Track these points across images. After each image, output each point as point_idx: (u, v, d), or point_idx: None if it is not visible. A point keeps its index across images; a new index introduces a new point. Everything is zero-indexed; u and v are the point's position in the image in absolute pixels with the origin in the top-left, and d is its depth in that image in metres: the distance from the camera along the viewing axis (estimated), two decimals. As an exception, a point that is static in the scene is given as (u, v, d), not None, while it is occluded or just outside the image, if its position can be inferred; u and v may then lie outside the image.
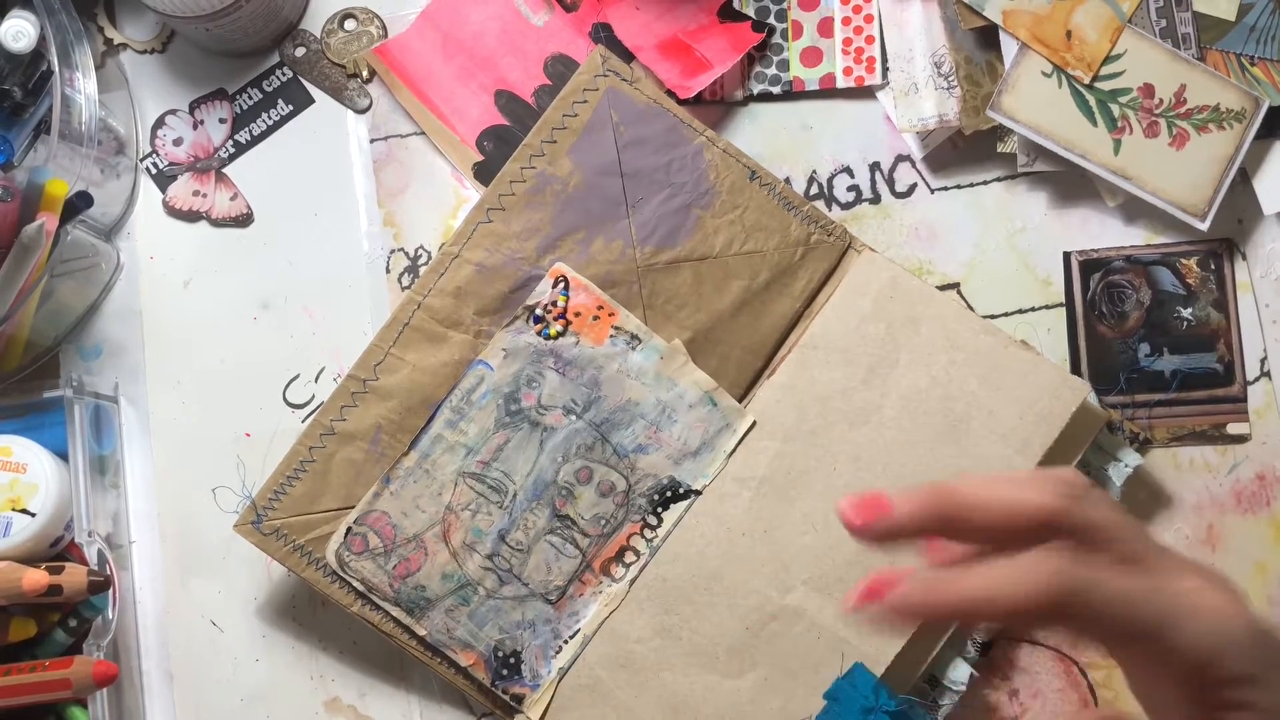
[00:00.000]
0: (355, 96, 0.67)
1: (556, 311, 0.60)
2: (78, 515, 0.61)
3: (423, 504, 0.60)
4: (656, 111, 0.62)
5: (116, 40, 0.68)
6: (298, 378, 0.66)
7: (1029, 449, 0.58)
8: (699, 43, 0.64)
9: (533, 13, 0.66)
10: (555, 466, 0.60)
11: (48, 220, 0.59)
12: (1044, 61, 0.62)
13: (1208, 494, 0.64)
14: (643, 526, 0.60)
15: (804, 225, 0.62)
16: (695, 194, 0.62)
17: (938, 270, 0.65)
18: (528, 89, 0.66)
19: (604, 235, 0.61)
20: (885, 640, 0.58)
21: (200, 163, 0.67)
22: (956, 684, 0.60)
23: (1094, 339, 0.64)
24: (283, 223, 0.67)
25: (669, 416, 0.60)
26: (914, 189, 0.66)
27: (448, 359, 0.61)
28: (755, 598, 0.59)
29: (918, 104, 0.64)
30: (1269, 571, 0.64)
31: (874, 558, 0.58)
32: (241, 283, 0.67)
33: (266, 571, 0.65)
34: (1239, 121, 0.62)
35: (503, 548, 0.60)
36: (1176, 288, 0.65)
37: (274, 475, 0.60)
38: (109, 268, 0.66)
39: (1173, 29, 0.62)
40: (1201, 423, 0.64)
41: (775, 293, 0.62)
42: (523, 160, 0.61)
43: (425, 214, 0.66)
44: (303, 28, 0.68)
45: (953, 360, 0.59)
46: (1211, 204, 0.62)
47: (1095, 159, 0.62)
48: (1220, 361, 0.64)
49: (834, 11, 0.65)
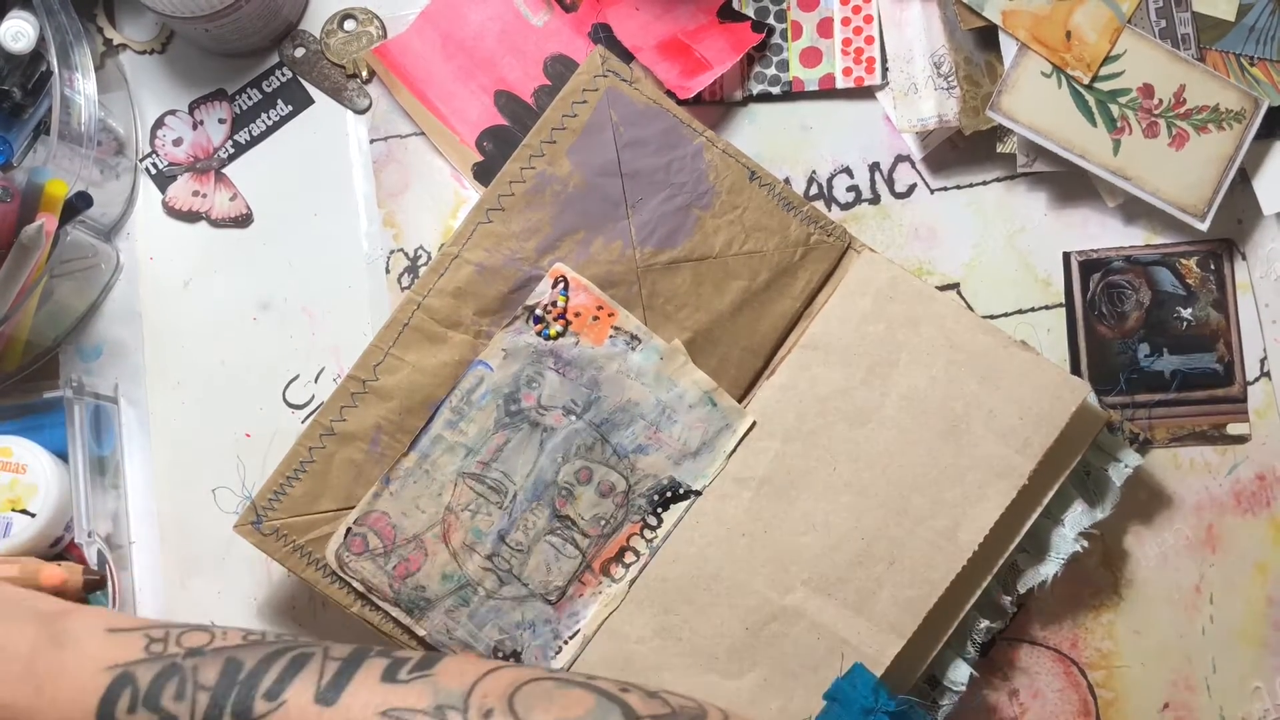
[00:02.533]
0: (355, 97, 0.67)
1: (556, 312, 0.60)
2: (78, 516, 0.61)
3: (422, 504, 0.60)
4: (656, 112, 0.62)
5: (116, 40, 0.68)
6: (298, 378, 0.66)
7: (1029, 449, 0.58)
8: (698, 43, 0.65)
9: (532, 13, 0.66)
10: (555, 467, 0.60)
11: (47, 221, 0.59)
12: (1043, 62, 0.62)
13: (1208, 494, 0.64)
14: (643, 527, 0.60)
15: (804, 225, 0.62)
16: (695, 194, 0.62)
17: (938, 270, 0.65)
18: (527, 89, 0.66)
19: (604, 235, 0.61)
20: (885, 640, 0.58)
21: (200, 163, 0.67)
22: (956, 684, 0.60)
23: (1094, 339, 0.64)
24: (282, 223, 0.67)
25: (669, 417, 0.60)
26: (914, 189, 0.66)
27: (448, 359, 0.61)
28: (755, 598, 0.59)
29: (917, 104, 0.64)
30: (1269, 571, 0.64)
31: (875, 559, 0.58)
32: (241, 283, 0.67)
33: (266, 572, 0.65)
34: (1238, 122, 0.62)
35: (502, 548, 0.60)
36: (1176, 288, 0.65)
37: (274, 476, 0.60)
38: (109, 268, 0.66)
39: (1172, 29, 0.62)
40: (1201, 423, 0.64)
41: (775, 293, 0.62)
42: (522, 160, 0.61)
43: (425, 214, 0.66)
44: (302, 28, 0.68)
45: (952, 360, 0.59)
46: (1211, 204, 0.62)
47: (1095, 159, 0.62)
48: (1220, 362, 0.64)
49: (833, 12, 0.65)
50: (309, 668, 0.44)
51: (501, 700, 0.42)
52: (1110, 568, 0.64)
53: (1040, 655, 0.64)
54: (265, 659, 0.45)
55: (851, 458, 0.59)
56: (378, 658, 0.45)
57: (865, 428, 0.59)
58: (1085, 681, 0.64)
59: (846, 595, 0.58)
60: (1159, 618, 0.64)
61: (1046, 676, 0.64)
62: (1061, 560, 0.61)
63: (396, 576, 0.59)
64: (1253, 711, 0.63)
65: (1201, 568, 0.64)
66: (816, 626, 0.58)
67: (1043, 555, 0.61)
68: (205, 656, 0.45)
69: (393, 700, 0.43)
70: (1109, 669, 0.64)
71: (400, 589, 0.59)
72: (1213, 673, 0.63)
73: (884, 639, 0.58)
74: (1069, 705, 0.64)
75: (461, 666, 0.44)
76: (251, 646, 0.46)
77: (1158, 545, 0.64)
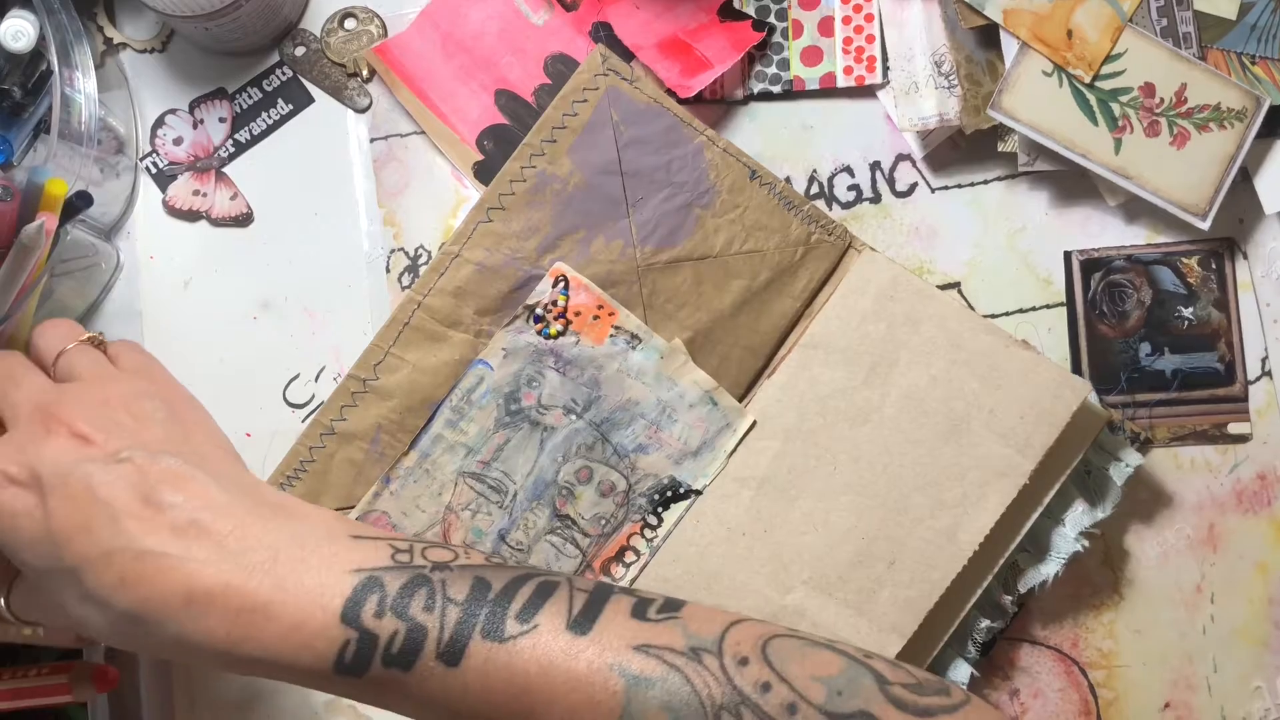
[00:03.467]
0: (355, 96, 0.67)
1: (556, 311, 0.60)
2: (78, 515, 0.61)
3: (423, 504, 0.60)
4: (656, 111, 0.62)
5: (116, 40, 0.68)
6: (298, 378, 0.66)
7: (1029, 449, 0.58)
8: (699, 42, 0.64)
9: (533, 12, 0.66)
10: (555, 466, 0.60)
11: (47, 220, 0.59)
12: (1045, 61, 0.62)
13: (1208, 494, 0.64)
14: (643, 526, 0.60)
15: (804, 225, 0.62)
16: (695, 193, 0.61)
17: (938, 270, 0.65)
18: (528, 88, 0.66)
19: (604, 235, 0.61)
20: (885, 640, 0.58)
21: (200, 162, 0.67)
22: (957, 684, 0.60)
23: (1095, 338, 0.64)
24: (283, 222, 0.67)
25: (669, 416, 0.60)
26: (914, 188, 0.65)
27: (448, 359, 0.61)
28: (755, 597, 0.59)
29: (918, 103, 0.64)
30: (1269, 571, 0.64)
31: (876, 559, 0.58)
32: (241, 283, 0.67)
33: (267, 571, 0.65)
34: (1240, 120, 0.62)
35: (503, 548, 0.60)
36: (1177, 287, 0.64)
37: (274, 475, 0.60)
38: (109, 268, 0.66)
39: (1173, 28, 0.62)
40: (1202, 422, 0.64)
41: (775, 292, 0.62)
42: (523, 160, 0.61)
43: (425, 214, 0.66)
44: (303, 27, 0.67)
45: (953, 360, 0.59)
46: (1212, 203, 0.62)
47: (1096, 158, 0.62)
48: (1221, 361, 0.64)
49: (834, 11, 0.65)
50: (557, 595, 0.43)
51: (755, 650, 0.42)
52: (1111, 567, 0.64)
53: (1041, 655, 0.64)
54: (513, 582, 0.44)
55: (852, 457, 0.59)
56: (623, 594, 0.44)
57: (866, 427, 0.59)
58: (1086, 681, 0.64)
59: (847, 595, 0.58)
60: (1160, 617, 0.64)
61: (1047, 676, 0.64)
62: (1062, 560, 0.61)
63: (397, 576, 0.59)
64: (1254, 711, 0.63)
65: (1202, 567, 0.64)
66: (817, 626, 0.58)
67: (1043, 555, 0.61)
68: (453, 571, 0.44)
69: (646, 636, 0.42)
70: (1110, 668, 0.64)
71: (400, 588, 0.59)
72: (1214, 672, 0.63)
73: (884, 639, 0.58)
74: (1070, 705, 0.64)
75: (708, 613, 0.44)
76: (497, 569, 0.45)
77: (1159, 545, 0.64)
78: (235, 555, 0.42)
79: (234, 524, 0.43)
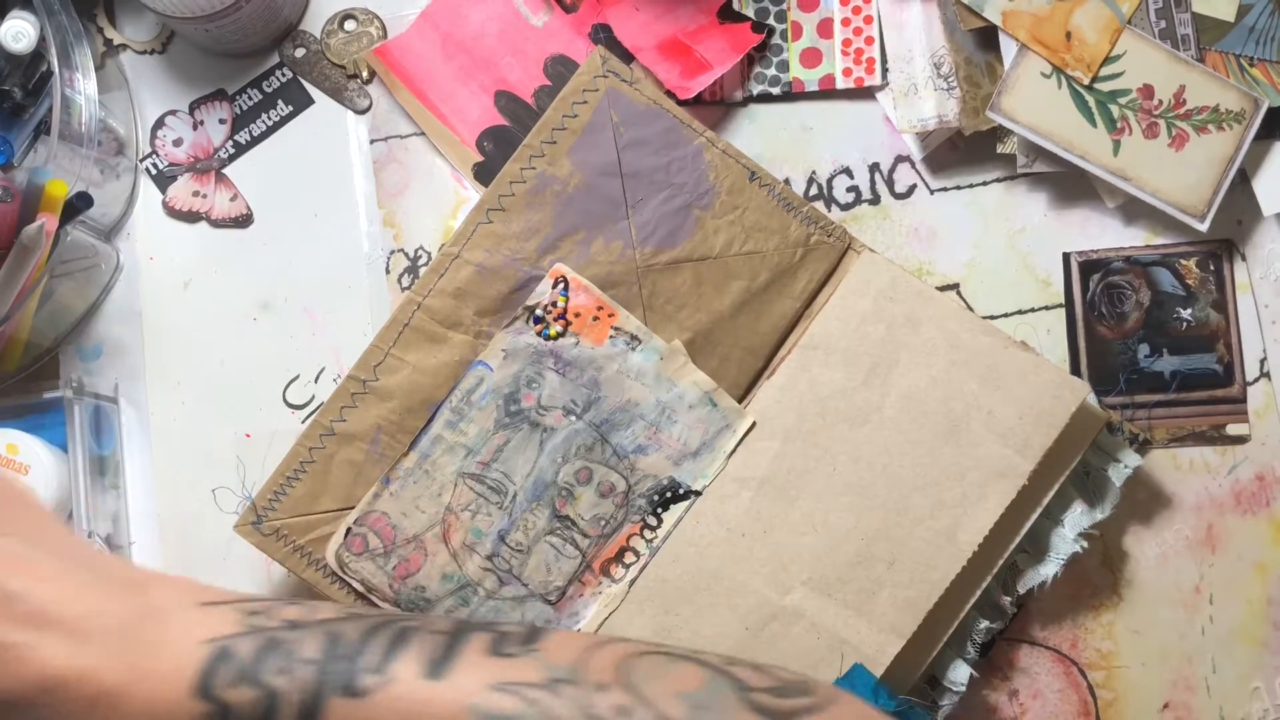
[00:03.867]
0: (355, 97, 0.67)
1: (556, 312, 0.60)
2: (78, 516, 0.61)
3: (422, 504, 0.60)
4: (656, 112, 0.62)
5: (116, 41, 0.68)
6: (298, 378, 0.66)
7: (1029, 449, 0.58)
8: (699, 43, 0.65)
9: (532, 13, 0.66)
10: (555, 467, 0.60)
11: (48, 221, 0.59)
12: (1043, 62, 0.62)
13: (1207, 494, 0.64)
14: (642, 527, 0.60)
15: (804, 226, 0.62)
16: (695, 194, 0.62)
17: (938, 271, 0.65)
18: (528, 89, 0.66)
19: (604, 236, 0.61)
20: (885, 640, 0.58)
21: (200, 163, 0.67)
22: (956, 684, 0.60)
23: (1094, 340, 0.64)
24: (283, 223, 0.67)
25: (669, 417, 0.60)
26: (914, 190, 0.66)
27: (448, 359, 0.61)
28: (755, 598, 0.59)
29: (917, 105, 0.64)
30: (1269, 571, 0.64)
31: (875, 559, 0.58)
32: (241, 283, 0.67)
33: (266, 572, 0.65)
34: (1238, 122, 0.62)
35: (502, 548, 0.60)
36: (1176, 288, 0.65)
37: (274, 476, 0.60)
38: (109, 268, 0.66)
39: (1172, 30, 0.62)
40: (1201, 423, 0.64)
41: (775, 293, 0.62)
42: (523, 161, 0.61)
43: (425, 214, 0.66)
44: (303, 28, 0.68)
45: (952, 361, 0.59)
46: (1211, 205, 0.62)
47: (1095, 160, 0.62)
48: (1220, 362, 0.64)
49: (833, 12, 0.65)
50: (413, 642, 0.43)
51: (614, 673, 0.42)
52: (1110, 568, 0.64)
53: (1040, 655, 0.64)
54: (367, 632, 0.43)
55: (851, 458, 0.59)
56: (481, 631, 0.44)
57: (865, 428, 0.59)
58: (1085, 682, 0.64)
59: (846, 595, 0.58)
60: (1159, 618, 0.64)
61: (1046, 677, 0.64)
62: (1061, 561, 0.61)
63: (396, 577, 0.59)
64: (1253, 711, 0.63)
65: (1201, 568, 0.64)
66: (816, 627, 0.58)
67: (1042, 555, 0.61)
68: (305, 629, 0.43)
69: (503, 674, 0.42)
70: (1109, 669, 0.64)
71: (400, 589, 0.59)
72: (1212, 673, 0.64)
73: (884, 639, 0.58)
74: (1069, 705, 0.64)
75: (566, 639, 0.44)
76: (351, 620, 0.44)
77: (1157, 545, 0.64)
78: (85, 641, 0.41)
79: (82, 607, 0.42)
